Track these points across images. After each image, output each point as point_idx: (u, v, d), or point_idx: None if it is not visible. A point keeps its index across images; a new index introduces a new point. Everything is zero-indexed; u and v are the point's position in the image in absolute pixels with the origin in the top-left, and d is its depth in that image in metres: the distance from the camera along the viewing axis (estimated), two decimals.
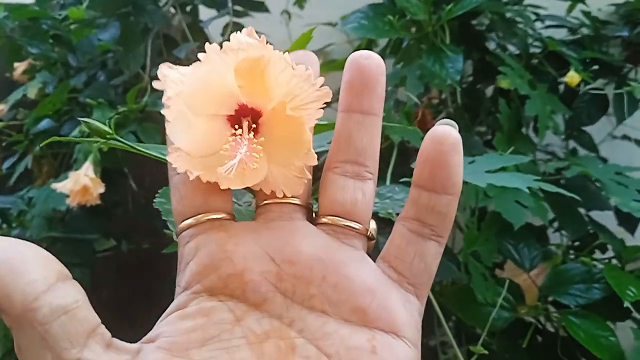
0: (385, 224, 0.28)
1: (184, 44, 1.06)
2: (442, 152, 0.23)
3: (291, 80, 0.24)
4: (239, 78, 0.25)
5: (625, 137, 1.01)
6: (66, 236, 0.96)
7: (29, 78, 1.10)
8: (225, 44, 0.24)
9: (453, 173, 0.23)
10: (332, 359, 0.22)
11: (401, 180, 0.55)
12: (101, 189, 0.87)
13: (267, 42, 0.24)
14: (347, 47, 1.33)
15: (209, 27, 1.16)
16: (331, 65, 0.97)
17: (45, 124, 1.00)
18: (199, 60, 0.24)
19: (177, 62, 0.94)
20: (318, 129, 0.33)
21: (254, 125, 0.26)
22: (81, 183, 0.85)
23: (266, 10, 1.16)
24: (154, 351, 0.22)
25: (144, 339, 0.23)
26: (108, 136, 0.38)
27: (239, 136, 0.25)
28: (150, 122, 0.97)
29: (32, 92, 1.08)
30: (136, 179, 1.15)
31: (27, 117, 1.03)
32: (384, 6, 0.71)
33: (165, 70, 0.24)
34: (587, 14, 0.88)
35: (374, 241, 0.26)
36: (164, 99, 0.24)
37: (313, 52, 0.99)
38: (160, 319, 0.23)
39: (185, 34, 1.11)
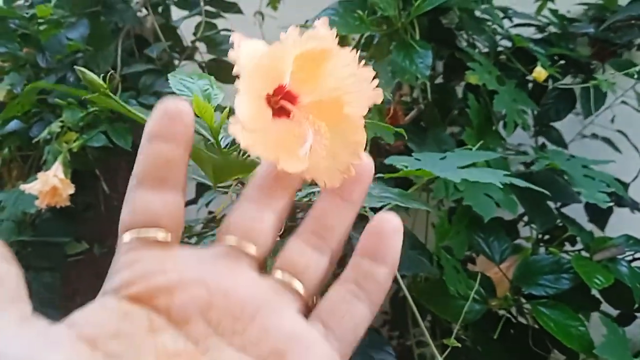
0: (359, 218, 0.29)
1: (155, 44, 1.05)
2: (384, 229, 0.26)
3: (349, 77, 0.25)
4: (295, 62, 0.25)
5: (594, 136, 1.03)
6: (36, 239, 0.94)
7: None
8: (307, 32, 0.24)
9: (392, 248, 0.26)
10: None
11: (376, 176, 0.55)
12: (71, 190, 0.85)
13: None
14: None
15: (180, 27, 1.15)
16: None
17: (13, 125, 0.98)
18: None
19: (149, 61, 0.92)
20: None
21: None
22: (50, 184, 0.83)
23: (239, 11, 1.16)
24: (62, 328, 0.22)
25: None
26: (102, 89, 0.38)
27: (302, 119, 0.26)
28: (121, 122, 0.96)
29: (0, 94, 1.05)
30: (108, 182, 1.14)
31: None
32: (354, 3, 0.71)
33: (239, 40, 0.24)
34: (554, 12, 0.90)
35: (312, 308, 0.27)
36: (236, 69, 0.24)
37: None
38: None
39: (158, 35, 1.10)
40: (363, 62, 0.26)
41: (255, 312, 0.24)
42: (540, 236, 0.78)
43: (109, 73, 0.96)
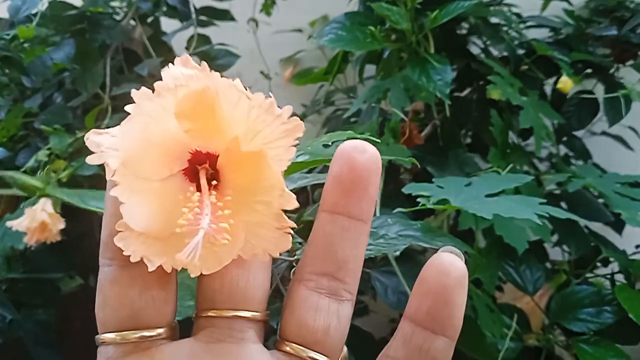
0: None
1: (146, 60, 1.00)
2: (446, 287, 0.19)
3: (250, 113, 0.19)
4: (183, 121, 0.19)
5: (604, 134, 0.99)
6: (27, 276, 0.89)
7: None
8: (157, 84, 0.18)
9: (456, 313, 0.20)
10: None
11: (395, 210, 0.50)
12: (61, 224, 0.79)
13: (210, 70, 0.19)
14: (318, 53, 1.27)
15: (172, 40, 1.10)
16: (307, 77, 0.91)
17: None
18: (128, 113, 0.19)
19: (140, 79, 0.86)
20: (292, 168, 0.27)
21: (213, 180, 0.20)
22: (38, 220, 0.78)
23: (232, 18, 1.10)
24: None
25: None
26: (39, 193, 0.32)
27: (197, 201, 0.19)
28: None
29: None
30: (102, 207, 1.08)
31: None
32: (361, 15, 0.65)
33: (95, 139, 0.19)
34: (569, 12, 0.84)
35: None
36: (108, 175, 0.19)
37: (283, 59, 0.92)
38: None
39: (147, 47, 1.05)
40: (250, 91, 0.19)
41: None
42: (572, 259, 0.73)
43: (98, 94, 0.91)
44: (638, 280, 0.62)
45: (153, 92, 0.19)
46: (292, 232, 0.20)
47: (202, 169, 0.20)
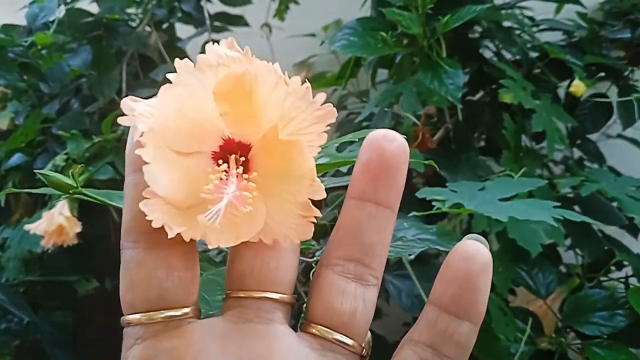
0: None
1: (161, 66, 1.01)
2: (471, 272, 0.20)
3: (285, 100, 0.19)
4: (220, 103, 0.19)
5: (620, 136, 0.98)
6: (45, 279, 0.90)
7: (1, 107, 1.04)
8: (200, 57, 0.19)
9: (481, 298, 0.20)
10: None
11: (410, 214, 0.50)
12: (78, 228, 0.81)
13: (251, 55, 0.19)
14: (331, 57, 1.28)
15: (187, 46, 1.11)
16: (321, 80, 0.92)
17: (17, 158, 0.95)
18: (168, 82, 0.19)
19: (155, 85, 0.88)
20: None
21: (242, 159, 0.21)
22: (56, 223, 0.80)
23: (246, 24, 1.12)
24: None
25: None
26: (72, 190, 0.33)
27: (224, 172, 0.20)
28: None
29: (2, 122, 1.02)
30: (118, 210, 1.09)
31: None
32: (373, 20, 0.66)
33: (130, 104, 0.19)
34: (583, 15, 0.84)
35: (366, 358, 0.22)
36: (135, 137, 0.19)
37: (296, 64, 0.93)
38: None
39: (162, 53, 1.06)
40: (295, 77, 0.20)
41: None
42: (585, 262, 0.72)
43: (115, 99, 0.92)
44: None
45: (195, 66, 0.19)
46: (315, 221, 0.20)
47: (232, 158, 0.20)
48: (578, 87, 0.69)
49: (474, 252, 0.20)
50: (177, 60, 0.19)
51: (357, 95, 0.95)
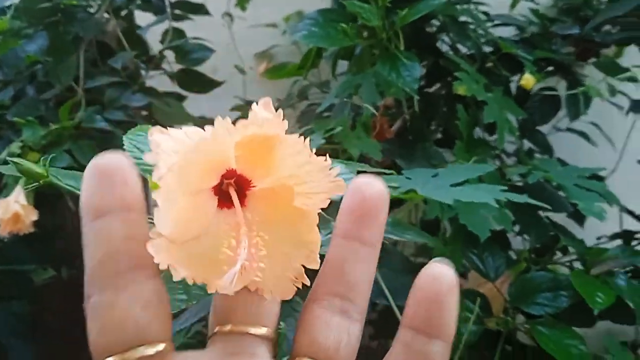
0: None
1: (120, 53, 1.00)
2: (439, 293, 0.21)
3: (304, 166, 0.21)
4: (239, 148, 0.21)
5: (569, 130, 1.03)
6: (1, 268, 0.89)
7: None
8: (240, 121, 0.20)
9: (450, 317, 0.21)
10: None
11: None
12: (34, 216, 0.80)
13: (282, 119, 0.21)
14: (293, 48, 1.29)
15: (146, 33, 1.10)
16: (281, 71, 0.93)
17: None
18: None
19: (114, 72, 0.87)
20: None
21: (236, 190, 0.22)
22: (11, 211, 0.78)
23: (207, 12, 1.11)
24: None
25: None
26: (42, 181, 0.33)
27: (235, 226, 0.21)
28: (85, 139, 0.91)
29: None
30: (75, 198, 1.08)
31: None
32: (334, 12, 0.67)
33: (158, 137, 0.20)
34: (535, 12, 0.88)
35: None
36: (155, 177, 0.19)
37: (257, 54, 0.93)
38: None
39: (121, 40, 1.05)
40: (313, 150, 0.21)
41: None
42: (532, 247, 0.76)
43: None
44: (594, 266, 0.65)
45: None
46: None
47: (229, 184, 0.21)
48: (528, 80, 0.73)
49: (440, 274, 0.21)
50: (218, 117, 0.19)
51: (319, 86, 0.96)
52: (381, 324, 0.77)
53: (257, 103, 0.20)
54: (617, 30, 0.86)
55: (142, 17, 1.12)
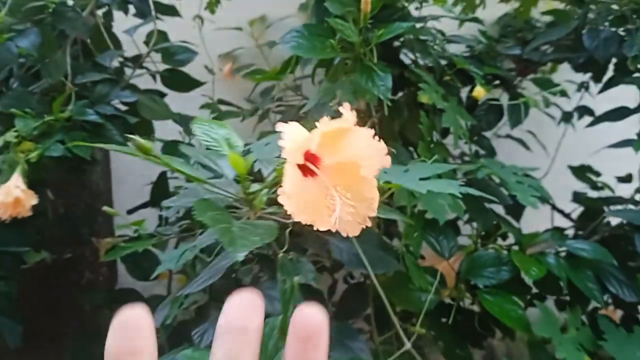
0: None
1: (108, 51, 1.06)
2: (312, 331, 0.24)
3: (370, 147, 0.35)
4: (323, 136, 0.33)
5: (508, 136, 1.18)
6: None
7: None
8: (325, 119, 0.34)
9: (322, 351, 0.24)
10: None
11: None
12: (34, 200, 0.86)
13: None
14: (256, 51, 1.39)
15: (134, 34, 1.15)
16: (263, 75, 1.03)
17: None
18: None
19: (96, 66, 0.94)
20: None
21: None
22: (13, 195, 0.84)
23: (177, 14, 1.17)
24: None
25: None
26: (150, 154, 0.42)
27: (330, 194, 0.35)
28: (77, 130, 0.97)
29: None
30: (54, 188, 1.13)
31: None
32: (317, 27, 0.78)
33: (284, 129, 0.33)
34: (483, 33, 1.02)
35: None
36: (284, 153, 0.33)
37: (221, 55, 1.04)
38: None
39: (98, 39, 1.11)
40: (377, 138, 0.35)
41: None
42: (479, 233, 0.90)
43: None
44: (527, 248, 0.79)
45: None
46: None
47: (306, 160, 0.35)
48: (479, 92, 0.86)
49: (310, 316, 0.24)
50: (323, 119, 0.35)
51: (293, 89, 1.07)
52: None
53: (341, 106, 0.33)
54: (551, 51, 1.02)
55: (119, 18, 1.18)
